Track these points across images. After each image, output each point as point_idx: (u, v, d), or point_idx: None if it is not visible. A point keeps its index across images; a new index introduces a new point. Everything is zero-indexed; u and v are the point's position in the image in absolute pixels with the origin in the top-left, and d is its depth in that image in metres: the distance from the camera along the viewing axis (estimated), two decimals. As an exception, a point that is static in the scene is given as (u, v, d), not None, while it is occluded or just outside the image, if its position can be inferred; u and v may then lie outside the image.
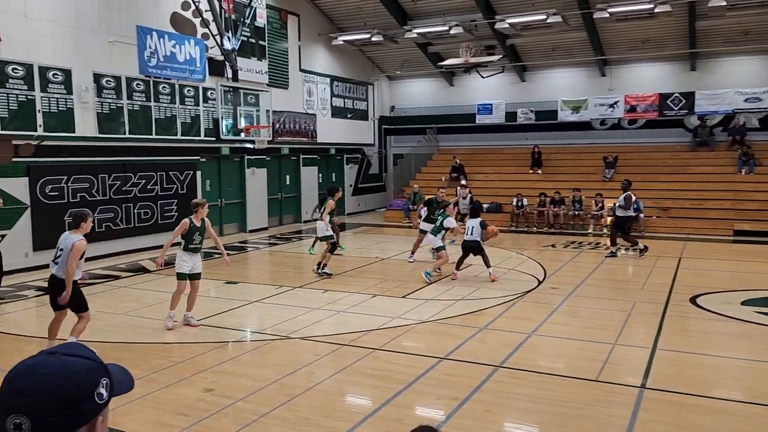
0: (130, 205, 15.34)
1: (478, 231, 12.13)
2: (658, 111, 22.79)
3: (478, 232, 12.13)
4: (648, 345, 7.67)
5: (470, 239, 12.08)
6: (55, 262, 7.23)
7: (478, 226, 12.15)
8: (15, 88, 12.85)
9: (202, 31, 17.18)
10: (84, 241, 7.17)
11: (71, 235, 7.18)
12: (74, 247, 7.03)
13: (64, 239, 7.24)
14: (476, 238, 12.08)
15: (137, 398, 5.93)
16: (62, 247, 7.17)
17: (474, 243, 12.06)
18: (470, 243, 12.08)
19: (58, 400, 1.26)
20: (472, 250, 12.10)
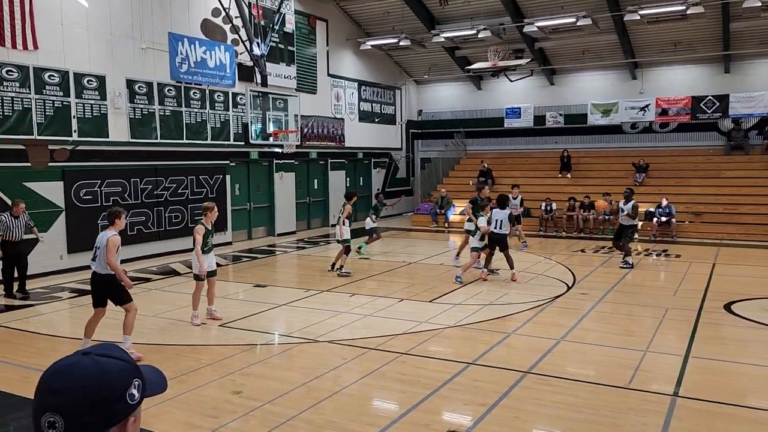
0: (161, 208, 15.58)
1: (506, 224, 11.87)
2: (691, 114, 22.38)
3: (506, 226, 11.87)
4: (680, 352, 7.53)
5: (498, 232, 11.81)
6: (94, 260, 7.50)
7: (506, 219, 11.87)
8: (51, 94, 13.16)
9: (232, 37, 17.40)
10: (118, 237, 7.45)
11: (107, 232, 7.49)
12: (109, 241, 7.31)
13: (100, 237, 7.53)
14: (504, 231, 11.82)
15: (167, 399, 6.01)
16: (98, 245, 7.45)
17: (501, 236, 11.80)
18: (497, 235, 11.82)
19: (91, 400, 1.29)
20: (498, 243, 11.83)
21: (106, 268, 7.38)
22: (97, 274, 7.47)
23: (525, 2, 20.69)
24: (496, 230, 11.88)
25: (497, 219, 11.92)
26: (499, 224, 11.87)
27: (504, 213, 11.96)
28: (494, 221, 11.92)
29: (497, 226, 11.87)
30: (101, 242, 7.41)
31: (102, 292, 7.55)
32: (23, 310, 10.45)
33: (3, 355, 7.87)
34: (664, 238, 18.08)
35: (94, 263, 7.47)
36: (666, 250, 16.39)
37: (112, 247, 7.29)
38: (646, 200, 19.65)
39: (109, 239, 7.31)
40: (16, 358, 7.74)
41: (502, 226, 11.85)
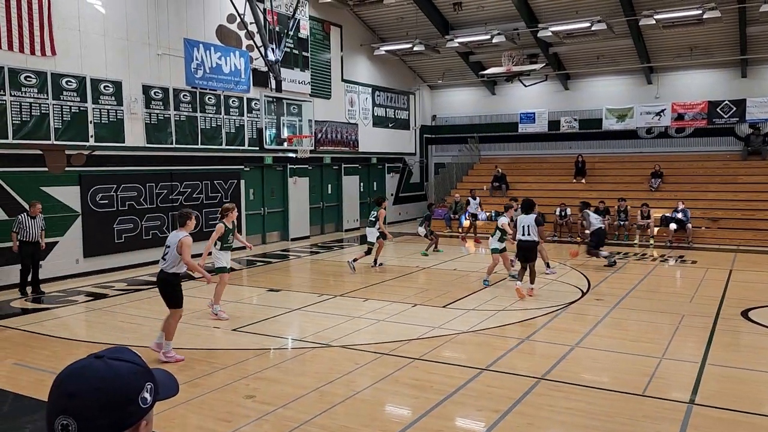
0: (176, 213, 15.65)
1: (534, 230, 10.73)
2: (707, 119, 22.20)
3: (534, 231, 10.73)
4: (697, 359, 7.44)
5: (526, 239, 10.65)
6: (163, 259, 7.67)
7: (534, 224, 10.73)
8: (69, 99, 13.31)
9: (246, 43, 17.52)
10: (190, 238, 7.69)
11: (178, 233, 7.69)
12: (181, 242, 7.52)
13: (172, 237, 7.71)
14: (534, 238, 10.62)
15: (181, 403, 6.03)
16: (169, 245, 7.62)
17: (531, 244, 10.59)
18: (527, 244, 10.62)
19: (104, 403, 1.29)
20: (528, 252, 10.65)
21: (174, 267, 7.59)
22: (162, 271, 7.67)
23: (539, 7, 20.65)
24: (524, 237, 10.74)
25: (524, 225, 10.80)
26: (527, 230, 10.75)
27: (530, 218, 10.83)
28: (520, 227, 10.82)
29: (524, 233, 10.75)
30: (172, 242, 7.60)
31: (160, 288, 7.77)
32: (39, 313, 10.56)
33: (19, 357, 7.95)
34: (681, 244, 17.91)
35: (162, 262, 7.67)
36: (682, 256, 16.23)
37: (186, 248, 7.51)
38: (662, 206, 19.52)
39: (181, 240, 7.53)
40: (32, 361, 7.82)
41: (530, 232, 10.73)
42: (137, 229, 14.69)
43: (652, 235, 18.62)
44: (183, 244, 7.51)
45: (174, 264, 7.58)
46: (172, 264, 7.58)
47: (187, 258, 7.55)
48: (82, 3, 13.56)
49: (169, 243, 7.64)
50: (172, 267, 7.59)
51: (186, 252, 7.52)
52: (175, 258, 7.55)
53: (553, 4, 20.36)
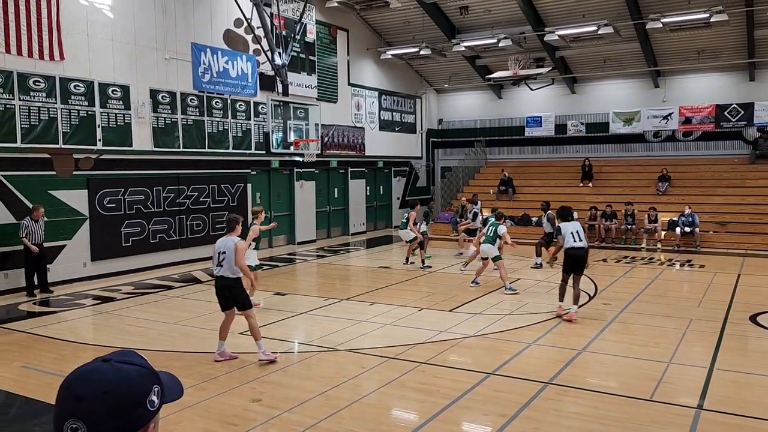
0: (183, 216, 15.74)
1: (583, 236, 9.64)
2: (715, 123, 22.10)
3: (584, 238, 9.63)
4: (705, 364, 7.40)
5: (579, 246, 9.48)
6: (220, 265, 7.69)
7: (581, 230, 9.68)
8: (77, 104, 13.39)
9: (253, 47, 17.58)
10: (243, 242, 7.87)
11: (229, 238, 7.75)
12: (237, 246, 7.61)
13: (224, 243, 7.76)
14: (584, 245, 9.57)
15: (187, 406, 6.04)
16: (224, 250, 7.67)
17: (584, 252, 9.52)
18: (580, 251, 9.48)
19: (113, 407, 1.30)
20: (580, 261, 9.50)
21: (233, 272, 7.63)
22: (224, 278, 7.67)
23: (546, 11, 20.63)
24: (578, 244, 9.51)
25: (572, 231, 9.59)
26: (577, 236, 9.53)
27: (576, 224, 9.80)
28: (569, 234, 9.57)
29: (576, 239, 9.52)
30: (226, 247, 7.65)
31: (227, 295, 7.75)
32: (47, 316, 10.61)
33: (26, 360, 7.99)
34: (688, 248, 17.83)
35: (221, 269, 7.67)
36: (690, 260, 16.16)
37: (241, 251, 7.62)
38: (670, 210, 19.44)
39: (236, 244, 7.63)
40: (40, 364, 7.85)
41: (581, 237, 9.59)
42: (144, 233, 14.75)
43: (659, 239, 18.54)
44: (239, 248, 7.62)
45: (234, 268, 7.65)
46: (233, 269, 7.64)
47: (241, 262, 7.66)
48: (90, 8, 13.65)
49: (223, 249, 7.68)
50: (233, 272, 7.65)
51: (241, 255, 7.65)
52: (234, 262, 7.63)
53: (560, 8, 20.35)
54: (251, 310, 7.77)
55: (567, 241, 9.49)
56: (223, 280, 7.69)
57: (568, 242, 9.48)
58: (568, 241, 9.48)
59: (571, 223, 9.80)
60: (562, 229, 9.71)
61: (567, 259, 9.58)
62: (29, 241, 11.79)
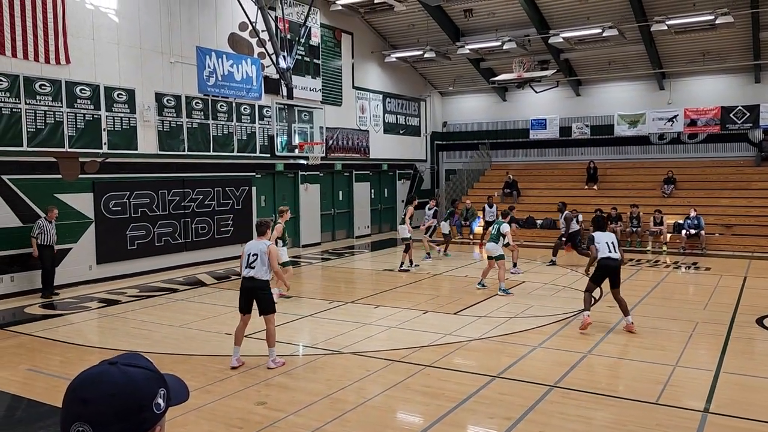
0: (188, 219, 15.77)
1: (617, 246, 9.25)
2: (720, 125, 22.03)
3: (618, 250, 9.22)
4: (711, 367, 7.37)
5: (615, 257, 9.12)
6: (251, 267, 7.69)
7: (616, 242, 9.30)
8: (82, 107, 13.44)
9: (258, 51, 17.63)
10: (274, 246, 8.05)
11: (261, 241, 7.79)
12: (270, 250, 7.69)
13: (255, 246, 7.77)
14: (619, 256, 9.20)
15: (193, 409, 6.05)
16: (255, 252, 7.69)
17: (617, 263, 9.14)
18: (614, 262, 9.10)
19: (119, 409, 1.30)
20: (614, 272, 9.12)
21: (265, 274, 7.65)
22: (255, 279, 7.66)
23: (550, 13, 20.63)
24: (612, 254, 9.12)
25: (607, 242, 9.21)
26: (612, 247, 9.18)
27: (611, 236, 9.38)
28: (604, 245, 9.19)
29: (611, 249, 9.15)
30: (258, 250, 7.66)
31: (254, 297, 7.72)
32: (53, 319, 10.64)
33: (33, 363, 8.01)
34: (694, 251, 17.77)
35: (251, 270, 7.66)
36: (696, 262, 16.10)
37: (275, 255, 7.74)
38: (675, 212, 19.39)
39: (270, 248, 7.69)
40: (46, 367, 7.87)
41: (616, 249, 9.20)
42: (149, 236, 14.78)
43: (664, 241, 18.48)
44: (272, 252, 7.69)
45: (265, 270, 7.67)
46: (263, 271, 7.66)
47: (277, 267, 7.80)
48: (96, 12, 13.71)
49: (255, 251, 7.68)
50: (264, 274, 7.67)
51: (275, 260, 7.71)
52: (266, 265, 7.65)
53: (564, 11, 20.34)
54: (274, 315, 7.74)
55: (602, 251, 9.16)
56: (253, 281, 7.66)
57: (602, 252, 9.15)
58: (603, 251, 9.14)
59: (605, 233, 9.44)
60: (596, 238, 9.33)
61: (599, 270, 9.26)
62: (41, 241, 11.97)
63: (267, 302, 7.71)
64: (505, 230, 12.19)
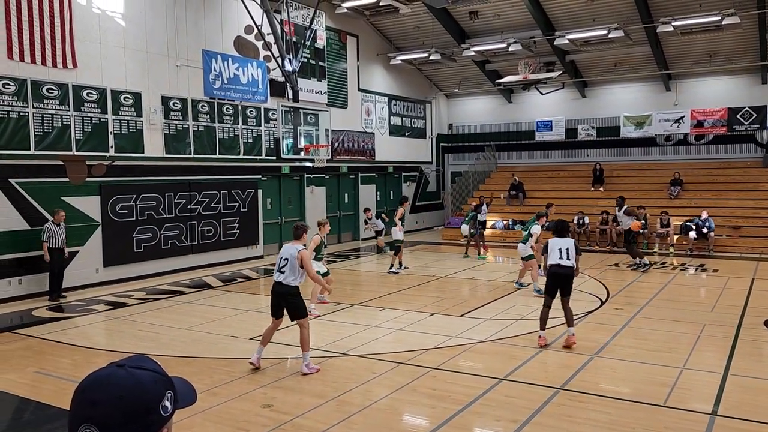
0: (194, 222, 15.81)
1: (573, 254, 8.57)
2: (727, 126, 21.95)
3: (573, 255, 8.55)
4: (719, 370, 7.33)
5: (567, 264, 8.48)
6: (281, 271, 7.60)
7: (573, 248, 8.60)
8: (89, 111, 13.51)
9: (264, 54, 17.67)
10: (306, 250, 7.77)
11: (295, 246, 7.68)
12: (302, 255, 7.53)
13: (288, 250, 7.69)
14: (571, 264, 8.52)
15: (199, 411, 6.06)
16: (287, 257, 7.59)
17: (567, 272, 8.50)
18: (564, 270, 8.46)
19: (127, 412, 1.31)
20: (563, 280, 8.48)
21: (296, 279, 7.53)
22: (283, 284, 7.57)
23: (556, 15, 20.61)
24: (562, 261, 8.50)
25: (561, 248, 8.57)
26: (567, 254, 8.51)
27: (568, 242, 8.66)
28: (556, 250, 8.59)
29: (562, 255, 8.52)
30: (290, 254, 7.55)
31: (282, 302, 7.64)
32: (60, 322, 10.68)
33: (40, 366, 8.04)
34: (701, 253, 17.70)
35: (281, 275, 7.57)
36: (703, 264, 16.03)
37: (308, 261, 7.59)
38: (682, 214, 19.32)
39: (301, 252, 7.53)
40: (53, 370, 7.90)
41: (569, 256, 8.52)
42: (156, 239, 14.83)
43: (671, 243, 18.41)
44: (304, 257, 7.53)
45: (295, 276, 7.53)
46: (293, 276, 7.52)
47: (311, 270, 7.67)
48: (102, 16, 13.78)
49: (286, 255, 7.58)
50: (293, 280, 7.53)
51: (308, 264, 7.58)
52: (296, 270, 7.51)
53: (570, 12, 20.31)
54: (305, 319, 7.59)
55: (552, 258, 8.52)
56: (282, 286, 7.55)
57: (553, 258, 8.50)
58: (554, 257, 8.49)
59: (563, 239, 8.67)
60: (549, 245, 8.69)
61: (548, 278, 8.63)
62: (51, 245, 12.05)
63: (296, 308, 7.58)
64: (534, 231, 12.14)
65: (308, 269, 7.57)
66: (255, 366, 7.54)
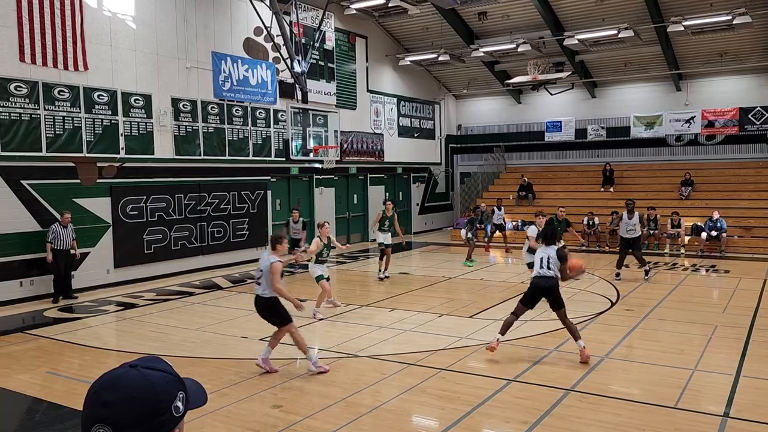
0: (204, 223, 15.87)
1: (555, 263, 7.87)
2: (739, 126, 21.79)
3: (555, 265, 7.87)
4: (731, 371, 7.28)
5: (548, 275, 7.86)
6: (258, 284, 7.53)
7: (555, 257, 7.89)
8: (100, 113, 13.59)
9: (273, 55, 17.72)
10: (280, 263, 7.51)
11: (270, 257, 7.53)
12: (273, 268, 7.38)
13: (263, 261, 7.57)
14: (552, 273, 7.87)
15: (209, 412, 6.08)
16: (261, 268, 7.50)
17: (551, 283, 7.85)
18: (545, 282, 7.85)
19: (140, 412, 1.32)
20: (545, 292, 7.87)
21: (270, 291, 7.43)
22: (261, 297, 7.49)
23: (565, 15, 20.53)
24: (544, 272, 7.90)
25: (542, 258, 7.97)
26: (546, 264, 7.91)
27: (552, 250, 7.97)
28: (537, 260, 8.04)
29: (543, 266, 7.93)
30: (264, 267, 7.46)
31: (263, 315, 7.60)
32: (71, 322, 10.75)
33: (52, 366, 8.10)
34: (713, 254, 17.58)
35: (259, 287, 7.50)
36: (714, 265, 15.92)
37: (275, 274, 7.38)
38: (693, 215, 19.20)
39: (273, 265, 7.39)
40: (64, 370, 7.96)
41: (550, 266, 7.89)
42: (166, 240, 14.90)
43: (682, 244, 18.29)
44: (273, 270, 7.37)
45: (269, 289, 7.43)
46: (270, 289, 7.42)
47: (276, 284, 7.38)
48: (113, 19, 13.87)
49: (262, 267, 7.47)
50: (270, 292, 7.42)
51: (275, 278, 7.37)
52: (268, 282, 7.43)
53: (579, 12, 20.24)
54: (291, 324, 7.51)
55: (534, 268, 8.05)
56: (260, 300, 7.50)
57: (534, 269, 8.03)
58: (535, 267, 7.99)
59: (549, 247, 8.01)
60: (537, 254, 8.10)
61: (529, 289, 8.08)
62: (57, 246, 12.08)
63: (276, 316, 7.51)
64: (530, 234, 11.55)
65: (274, 283, 7.36)
66: (263, 369, 7.49)
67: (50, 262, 12.09)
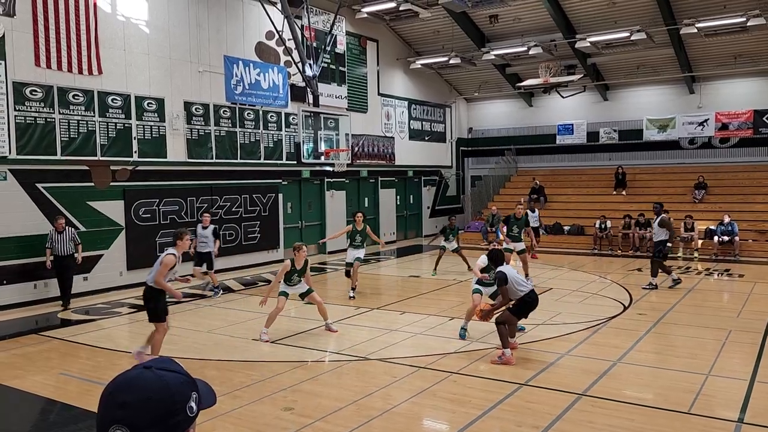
0: (216, 226, 15.89)
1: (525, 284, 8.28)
2: (753, 128, 21.62)
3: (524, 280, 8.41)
4: (746, 376, 7.21)
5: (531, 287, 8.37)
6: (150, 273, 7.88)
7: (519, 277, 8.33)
8: (114, 117, 13.71)
9: (284, 59, 17.80)
10: (172, 257, 7.76)
11: (166, 251, 7.91)
12: (162, 261, 7.74)
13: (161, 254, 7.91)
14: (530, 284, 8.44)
15: (220, 414, 6.10)
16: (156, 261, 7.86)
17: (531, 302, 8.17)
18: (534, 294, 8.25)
19: (155, 413, 1.33)
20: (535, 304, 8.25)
21: (152, 281, 7.78)
22: (145, 286, 7.88)
23: (576, 17, 20.47)
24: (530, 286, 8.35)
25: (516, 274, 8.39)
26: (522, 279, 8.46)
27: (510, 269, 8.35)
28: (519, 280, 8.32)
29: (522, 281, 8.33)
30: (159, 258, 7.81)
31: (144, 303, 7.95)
32: (84, 324, 10.83)
33: (65, 367, 8.16)
34: (726, 257, 17.43)
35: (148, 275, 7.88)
36: (728, 269, 15.78)
37: (162, 267, 7.66)
38: (706, 218, 19.04)
39: (164, 258, 7.70)
40: (78, 371, 8.01)
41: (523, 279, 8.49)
42: (178, 243, 14.95)
43: (696, 247, 18.15)
44: (162, 262, 7.65)
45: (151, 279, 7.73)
46: (151, 278, 7.74)
47: (159, 278, 7.60)
48: (127, 23, 13.99)
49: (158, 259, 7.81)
50: (152, 281, 7.73)
51: (160, 270, 7.58)
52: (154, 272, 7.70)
53: (591, 15, 20.16)
54: (162, 324, 7.79)
55: (523, 287, 8.10)
56: (145, 288, 7.83)
57: (524, 287, 8.10)
58: (521, 286, 8.08)
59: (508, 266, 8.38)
60: (507, 275, 8.03)
61: (523, 305, 8.13)
62: (55, 252, 11.94)
63: (152, 310, 7.80)
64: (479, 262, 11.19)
65: (156, 277, 7.60)
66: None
67: (49, 267, 12.07)
